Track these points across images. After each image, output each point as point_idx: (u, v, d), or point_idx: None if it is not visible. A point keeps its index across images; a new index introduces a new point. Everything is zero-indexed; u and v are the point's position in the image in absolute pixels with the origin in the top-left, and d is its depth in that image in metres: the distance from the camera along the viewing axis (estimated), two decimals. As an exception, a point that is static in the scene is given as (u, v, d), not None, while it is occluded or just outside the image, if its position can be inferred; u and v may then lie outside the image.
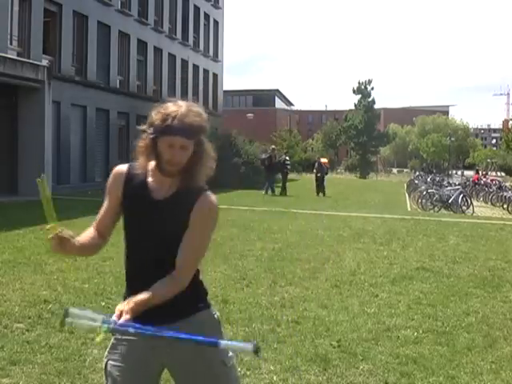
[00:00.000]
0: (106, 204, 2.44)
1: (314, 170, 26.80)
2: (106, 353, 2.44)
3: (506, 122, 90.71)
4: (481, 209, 22.54)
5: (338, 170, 71.29)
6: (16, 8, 20.47)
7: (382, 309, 6.28)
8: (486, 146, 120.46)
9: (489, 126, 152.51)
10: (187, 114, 2.22)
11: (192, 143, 2.25)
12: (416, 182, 31.88)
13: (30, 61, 19.65)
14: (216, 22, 40.78)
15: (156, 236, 2.30)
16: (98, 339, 2.04)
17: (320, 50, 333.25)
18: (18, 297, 6.22)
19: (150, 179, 2.34)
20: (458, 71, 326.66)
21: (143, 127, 2.28)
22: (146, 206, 2.31)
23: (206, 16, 38.89)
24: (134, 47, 29.31)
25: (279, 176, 25.89)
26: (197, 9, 36.99)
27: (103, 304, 6.07)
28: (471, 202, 21.37)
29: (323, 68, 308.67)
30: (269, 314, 5.88)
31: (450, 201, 20.80)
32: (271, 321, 5.64)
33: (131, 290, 2.29)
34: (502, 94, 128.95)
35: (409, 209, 21.32)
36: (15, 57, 19.38)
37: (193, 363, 2.31)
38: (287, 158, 27.26)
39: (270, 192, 24.24)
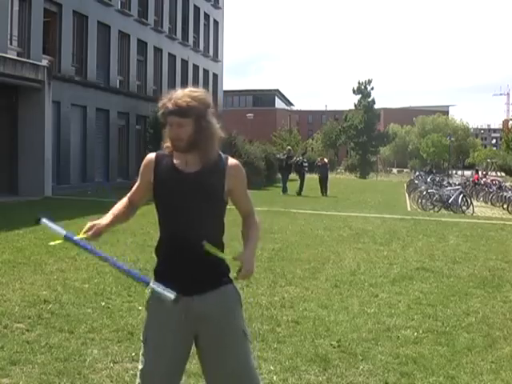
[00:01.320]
0: (138, 184, 2.83)
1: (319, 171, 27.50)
2: (144, 325, 2.75)
3: (506, 121, 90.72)
4: (481, 209, 22.55)
5: (338, 170, 71.23)
6: (16, 8, 20.47)
7: (381, 309, 6.28)
8: (485, 146, 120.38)
9: (489, 126, 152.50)
10: (181, 97, 2.55)
11: (190, 121, 2.56)
12: (416, 182, 31.87)
13: (30, 61, 19.65)
14: (216, 22, 40.78)
15: (188, 204, 2.62)
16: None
17: (320, 50, 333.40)
18: (18, 297, 6.22)
19: (175, 160, 2.68)
20: (457, 71, 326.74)
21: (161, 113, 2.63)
22: (177, 180, 2.63)
23: (206, 16, 38.88)
24: (133, 47, 29.31)
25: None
26: (197, 9, 36.98)
27: (103, 304, 6.07)
28: (471, 202, 21.37)
29: (323, 68, 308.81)
30: (269, 313, 5.88)
31: (450, 201, 20.80)
32: (271, 321, 5.64)
33: (166, 258, 2.69)
34: (501, 94, 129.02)
35: (409, 209, 21.33)
36: (15, 57, 19.38)
37: (218, 330, 2.63)
38: (304, 159, 27.72)
39: (286, 192, 25.08)
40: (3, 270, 7.55)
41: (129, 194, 2.88)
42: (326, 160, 28.69)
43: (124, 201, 2.89)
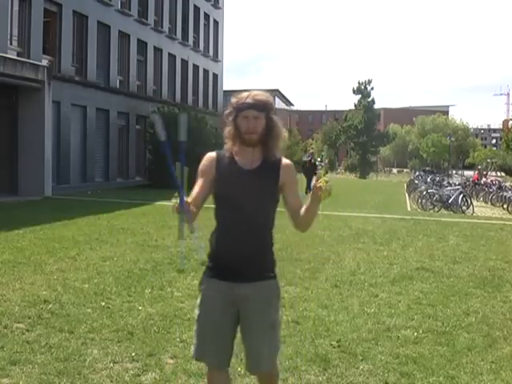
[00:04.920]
0: (200, 183, 2.97)
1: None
2: (197, 304, 3.04)
3: (506, 121, 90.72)
4: (481, 209, 22.53)
5: (338, 170, 71.18)
6: (16, 8, 20.46)
7: (381, 309, 6.28)
8: (485, 146, 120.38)
9: (489, 126, 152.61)
10: (257, 93, 2.89)
11: (263, 116, 2.87)
12: (416, 182, 31.86)
13: (30, 61, 19.64)
14: (216, 22, 40.77)
15: (249, 199, 2.87)
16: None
17: (320, 50, 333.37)
18: (18, 297, 6.22)
19: (236, 157, 2.93)
20: (457, 71, 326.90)
21: (227, 112, 2.93)
22: (238, 176, 2.89)
23: (206, 16, 38.88)
24: (133, 47, 29.30)
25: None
26: (197, 9, 36.97)
27: (103, 304, 6.07)
28: (471, 202, 21.35)
29: (323, 68, 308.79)
30: (269, 313, 5.87)
31: (449, 201, 20.79)
32: (271, 321, 5.63)
33: (222, 244, 2.92)
34: (502, 94, 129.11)
35: (409, 209, 21.31)
36: (15, 57, 19.37)
37: (254, 317, 2.92)
38: (319, 159, 27.79)
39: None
40: (3, 270, 7.55)
41: (190, 199, 2.86)
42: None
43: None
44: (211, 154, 3.01)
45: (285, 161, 2.99)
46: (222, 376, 3.06)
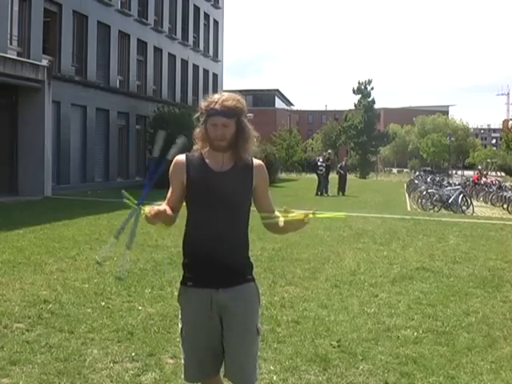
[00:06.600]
0: (171, 189, 2.88)
1: (341, 171, 28.01)
2: (179, 318, 2.93)
3: (506, 121, 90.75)
4: (481, 209, 22.51)
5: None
6: (16, 8, 20.48)
7: (381, 309, 6.28)
8: (486, 146, 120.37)
9: (489, 126, 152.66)
10: (227, 99, 2.78)
11: (233, 122, 2.77)
12: (416, 181, 31.83)
13: (30, 61, 19.65)
14: (216, 22, 40.79)
15: (223, 202, 2.78)
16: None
17: (320, 50, 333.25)
18: (18, 297, 6.23)
19: (207, 160, 2.84)
20: (458, 71, 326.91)
21: (197, 116, 2.83)
22: (210, 179, 2.79)
23: (206, 16, 38.90)
24: (133, 47, 29.32)
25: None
26: (197, 9, 36.99)
27: (103, 304, 6.07)
28: (471, 202, 21.33)
29: (323, 68, 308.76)
30: (269, 314, 5.87)
31: (449, 201, 20.77)
32: (271, 321, 5.64)
33: (197, 250, 2.80)
34: (503, 94, 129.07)
35: (409, 209, 21.30)
36: (15, 57, 19.39)
37: (236, 323, 2.82)
38: (320, 159, 27.90)
39: (325, 193, 26.14)
40: (3, 270, 7.55)
41: (166, 202, 2.86)
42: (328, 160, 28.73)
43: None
44: (181, 158, 2.88)
45: (256, 161, 2.91)
46: (215, 380, 3.02)
